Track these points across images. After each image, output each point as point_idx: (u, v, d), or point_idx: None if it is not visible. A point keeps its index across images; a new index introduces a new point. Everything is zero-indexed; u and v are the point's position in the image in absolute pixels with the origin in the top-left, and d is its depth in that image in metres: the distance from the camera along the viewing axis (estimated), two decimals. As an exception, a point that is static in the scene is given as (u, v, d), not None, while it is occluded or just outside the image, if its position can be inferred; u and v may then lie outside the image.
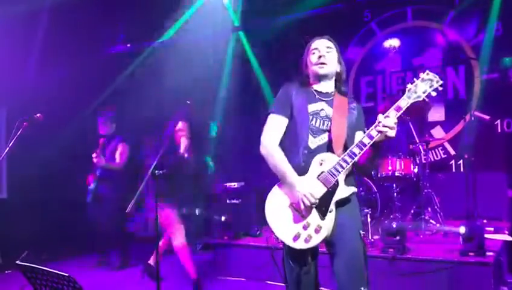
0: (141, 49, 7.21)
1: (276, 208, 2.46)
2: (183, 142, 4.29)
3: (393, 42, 6.97)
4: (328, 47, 2.58)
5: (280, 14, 6.88)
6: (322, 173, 2.39)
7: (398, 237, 4.39)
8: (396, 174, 5.39)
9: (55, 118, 5.44)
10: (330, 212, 2.36)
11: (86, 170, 5.51)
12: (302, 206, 2.36)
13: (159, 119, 4.78)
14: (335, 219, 2.38)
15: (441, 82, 2.36)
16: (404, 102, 2.36)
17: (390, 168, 5.41)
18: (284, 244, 2.44)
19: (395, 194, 5.45)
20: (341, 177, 2.38)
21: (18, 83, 5.81)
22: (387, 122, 2.29)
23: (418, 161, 5.67)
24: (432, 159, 6.48)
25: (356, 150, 2.34)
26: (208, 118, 7.00)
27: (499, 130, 6.22)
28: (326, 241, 2.41)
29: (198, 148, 4.16)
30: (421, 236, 5.17)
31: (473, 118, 5.85)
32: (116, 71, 6.82)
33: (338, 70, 2.63)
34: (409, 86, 2.38)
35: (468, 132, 5.73)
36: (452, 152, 6.53)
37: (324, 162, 2.40)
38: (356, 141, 2.50)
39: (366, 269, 2.39)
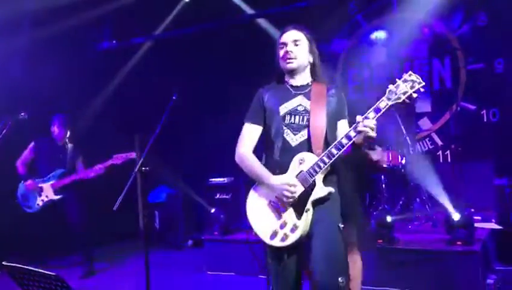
0: (129, 46, 7.15)
1: (255, 207, 2.50)
2: None
3: (379, 34, 6.99)
4: (295, 40, 2.53)
5: (262, 8, 6.84)
6: (300, 172, 2.39)
7: (386, 228, 4.43)
8: (384, 165, 5.42)
9: (42, 117, 5.37)
10: (306, 212, 2.36)
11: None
12: (281, 202, 2.39)
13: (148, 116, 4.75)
14: (313, 214, 2.39)
15: (423, 83, 2.32)
16: (383, 103, 2.32)
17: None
18: (263, 243, 2.47)
19: (383, 185, 5.48)
20: (319, 177, 2.37)
21: (4, 82, 5.73)
22: (367, 122, 2.26)
23: (405, 152, 5.70)
24: (420, 150, 6.52)
25: (334, 151, 2.34)
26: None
27: (485, 120, 6.28)
28: (305, 236, 2.41)
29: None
30: (410, 226, 5.22)
31: (459, 109, 5.91)
32: (103, 68, 6.75)
33: (310, 60, 2.60)
34: (390, 86, 2.33)
35: (454, 123, 5.77)
36: (439, 143, 6.58)
37: (303, 161, 2.40)
38: (339, 132, 2.51)
39: (346, 261, 2.42)
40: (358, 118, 2.31)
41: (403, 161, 5.59)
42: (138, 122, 6.51)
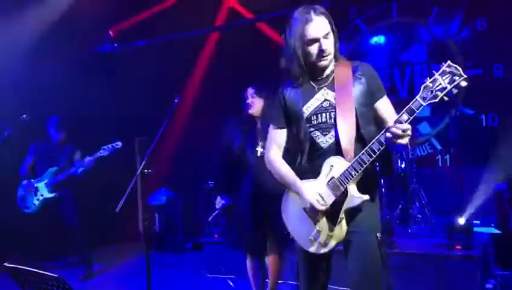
0: (129, 48, 7.16)
1: (291, 212, 2.41)
2: None
3: (379, 39, 7.02)
4: (326, 34, 2.21)
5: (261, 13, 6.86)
6: (331, 179, 2.22)
7: (385, 232, 4.44)
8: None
9: (43, 119, 5.39)
10: (340, 221, 2.23)
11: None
12: (314, 214, 2.28)
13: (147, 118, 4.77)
14: (352, 220, 2.28)
15: (464, 76, 2.00)
16: (417, 104, 2.04)
17: (377, 164, 5.44)
18: (297, 245, 2.41)
19: (383, 189, 5.49)
20: (351, 186, 2.20)
21: (6, 84, 5.74)
22: (399, 127, 2.02)
23: (404, 157, 5.72)
24: (419, 155, 6.54)
25: (365, 158, 2.14)
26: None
27: (484, 125, 6.29)
28: (344, 243, 2.33)
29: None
30: (409, 231, 5.23)
31: (458, 113, 5.93)
32: (104, 71, 6.76)
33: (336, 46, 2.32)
34: (427, 82, 2.03)
35: (453, 127, 5.78)
36: (438, 147, 6.60)
37: (334, 167, 2.22)
38: (382, 114, 2.30)
39: (384, 272, 2.29)
40: (390, 122, 2.10)
41: (402, 165, 5.62)
42: (139, 125, 6.53)
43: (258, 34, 7.05)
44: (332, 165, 2.23)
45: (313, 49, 2.23)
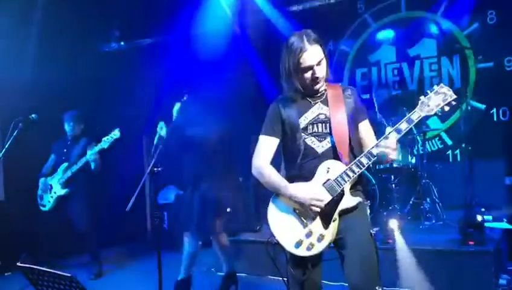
0: (136, 46, 7.16)
1: (279, 214, 2.43)
2: None
3: (387, 33, 6.96)
4: (319, 61, 2.38)
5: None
6: (328, 180, 2.33)
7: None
8: (395, 165, 5.40)
9: (51, 118, 5.39)
10: (333, 221, 2.31)
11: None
12: (309, 213, 2.33)
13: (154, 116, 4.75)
14: (344, 220, 2.34)
15: (454, 96, 2.32)
16: (416, 115, 2.31)
17: (388, 159, 5.41)
18: (285, 250, 2.41)
19: (394, 185, 5.46)
20: (347, 187, 2.33)
21: (12, 84, 5.76)
22: (390, 142, 2.28)
23: (415, 152, 5.68)
24: (429, 150, 6.49)
25: (364, 161, 2.30)
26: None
27: (495, 119, 6.23)
28: (336, 241, 2.37)
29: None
30: (420, 226, 5.19)
31: (469, 108, 5.87)
32: (111, 69, 6.76)
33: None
34: (422, 98, 2.33)
35: (464, 122, 5.73)
36: (449, 142, 6.54)
37: (330, 169, 2.34)
38: (362, 134, 2.49)
39: (379, 269, 2.34)
40: (370, 144, 2.34)
41: (413, 161, 5.58)
42: (147, 123, 6.52)
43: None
44: (329, 168, 2.35)
45: (307, 75, 2.40)
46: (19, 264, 2.58)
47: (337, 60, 7.16)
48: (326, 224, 2.31)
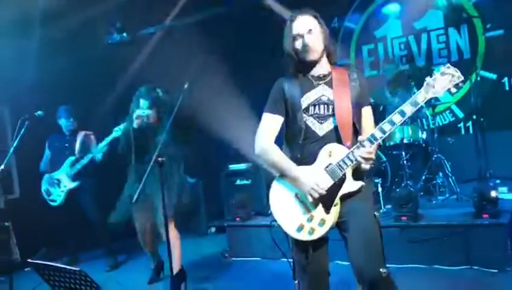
0: (140, 37, 7.13)
1: (280, 199, 2.41)
2: None
3: (392, 7, 6.83)
4: (309, 29, 2.37)
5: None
6: (329, 165, 2.29)
7: (410, 205, 4.37)
8: (405, 141, 5.33)
9: (56, 113, 5.43)
10: (335, 206, 2.29)
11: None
12: (310, 199, 2.30)
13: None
14: (347, 203, 2.31)
15: (462, 78, 2.23)
16: (421, 97, 2.24)
17: (398, 135, 5.36)
18: (288, 236, 2.40)
19: (405, 161, 5.39)
20: (349, 171, 2.29)
21: (17, 80, 5.80)
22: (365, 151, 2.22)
23: (425, 126, 5.60)
24: (440, 124, 6.39)
25: (367, 144, 2.24)
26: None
27: (507, 88, 6.10)
28: (339, 224, 2.35)
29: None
30: (434, 202, 5.14)
31: (479, 78, 5.75)
32: (114, 62, 6.75)
33: (325, 44, 2.44)
34: (428, 79, 2.25)
35: (475, 93, 5.62)
36: (460, 114, 6.43)
37: (332, 153, 2.30)
38: (364, 121, 2.45)
39: (383, 251, 2.30)
40: (369, 131, 2.31)
41: (424, 136, 5.50)
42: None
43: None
44: (331, 152, 2.31)
45: (298, 44, 2.39)
46: (29, 260, 2.62)
47: (343, 38, 7.03)
48: (327, 209, 2.29)
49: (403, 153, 5.42)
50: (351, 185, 2.29)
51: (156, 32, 7.15)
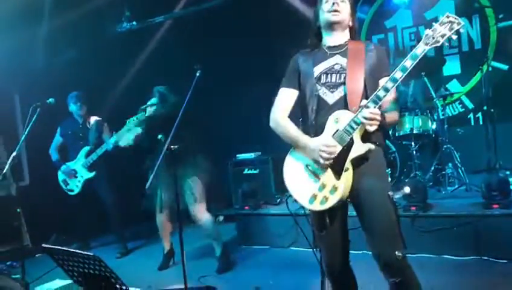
0: (149, 25, 7.11)
1: (293, 172, 2.43)
2: None
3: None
4: None
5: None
6: (337, 131, 2.28)
7: (419, 195, 4.37)
8: (415, 131, 5.31)
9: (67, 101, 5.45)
10: (346, 171, 2.26)
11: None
12: (321, 162, 2.29)
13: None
14: (361, 182, 2.30)
15: (462, 24, 2.16)
16: (420, 49, 2.19)
17: (407, 125, 5.33)
18: (309, 210, 2.42)
19: (414, 152, 5.37)
20: (356, 135, 2.25)
21: (28, 68, 5.82)
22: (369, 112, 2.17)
23: (435, 117, 5.57)
24: (450, 114, 6.35)
25: (372, 105, 2.19)
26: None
27: (518, 79, 6.05)
28: (355, 206, 2.36)
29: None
30: (443, 192, 5.13)
31: (490, 69, 5.70)
32: (124, 50, 6.75)
33: (351, 24, 2.49)
34: (427, 31, 2.20)
35: (485, 83, 5.57)
36: (470, 105, 6.39)
37: (339, 119, 2.29)
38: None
39: (400, 231, 2.28)
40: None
41: (433, 126, 5.47)
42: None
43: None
44: (337, 118, 2.31)
45: (328, 5, 2.41)
46: (44, 245, 2.65)
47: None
48: (338, 175, 2.27)
49: (413, 143, 5.41)
50: (359, 147, 2.26)
51: (166, 20, 7.10)
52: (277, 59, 3.13)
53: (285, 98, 2.52)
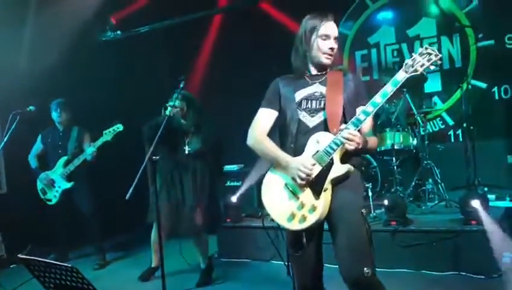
0: (132, 35, 7.09)
1: (271, 190, 2.45)
2: None
3: (386, 14, 6.89)
4: (335, 37, 2.48)
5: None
6: (317, 152, 2.33)
7: (399, 210, 4.41)
8: (396, 147, 5.38)
9: (48, 109, 5.37)
10: (325, 191, 2.28)
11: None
12: (298, 181, 2.31)
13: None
14: (336, 199, 2.32)
15: (440, 56, 2.30)
16: (401, 75, 2.29)
17: (389, 141, 5.40)
18: (285, 229, 2.43)
19: (395, 167, 5.44)
20: (336, 156, 2.31)
21: (9, 76, 5.73)
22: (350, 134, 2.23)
23: (416, 133, 5.65)
24: (431, 130, 6.45)
25: (351, 127, 2.26)
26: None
27: (497, 97, 6.18)
28: (328, 222, 2.37)
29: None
30: (423, 207, 5.18)
31: (470, 87, 5.81)
32: (108, 59, 6.71)
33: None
34: (406, 60, 2.31)
35: (465, 101, 5.68)
36: (450, 122, 6.50)
37: (320, 140, 2.34)
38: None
39: (371, 248, 2.30)
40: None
41: (414, 142, 5.55)
42: (147, 112, 6.50)
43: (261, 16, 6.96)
44: (318, 139, 2.36)
45: (324, 45, 2.45)
46: (20, 256, 2.59)
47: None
48: (317, 194, 2.29)
49: (394, 158, 5.48)
50: (338, 168, 2.31)
51: (151, 30, 7.10)
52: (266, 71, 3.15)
53: (265, 118, 2.55)
